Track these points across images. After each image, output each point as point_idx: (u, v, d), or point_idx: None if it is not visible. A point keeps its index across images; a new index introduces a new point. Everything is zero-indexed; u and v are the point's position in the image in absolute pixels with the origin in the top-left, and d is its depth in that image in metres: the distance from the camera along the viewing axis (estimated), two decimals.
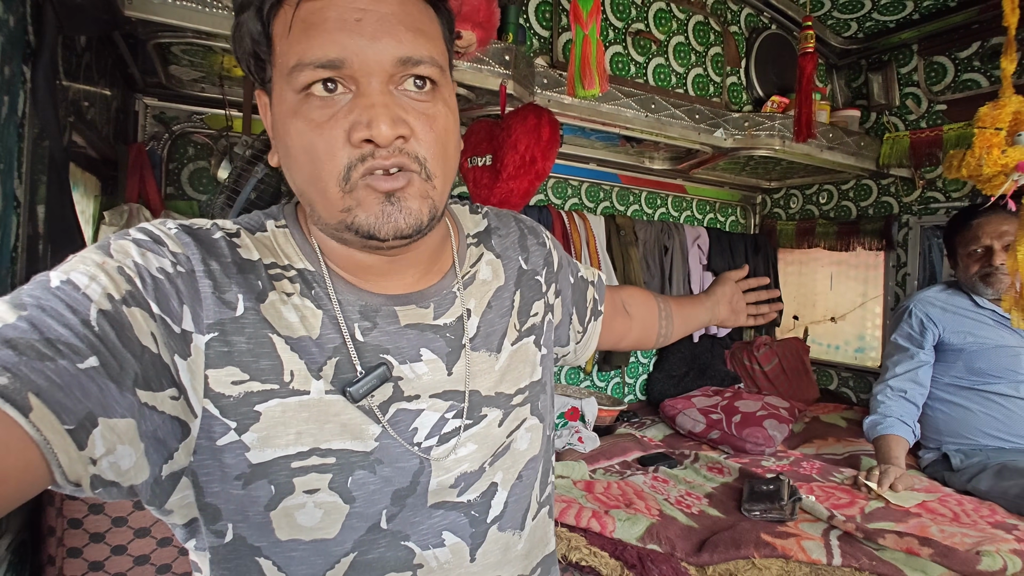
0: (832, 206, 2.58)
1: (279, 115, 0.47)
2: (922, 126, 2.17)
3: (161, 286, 0.43)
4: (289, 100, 0.46)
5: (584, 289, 0.80)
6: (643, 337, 0.95)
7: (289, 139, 0.47)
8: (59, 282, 0.39)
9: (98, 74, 1.23)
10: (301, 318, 0.49)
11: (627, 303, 0.93)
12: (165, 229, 0.47)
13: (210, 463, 0.45)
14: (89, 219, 1.33)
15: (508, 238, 0.68)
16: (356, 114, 0.45)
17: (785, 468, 1.65)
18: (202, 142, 1.66)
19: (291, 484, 0.46)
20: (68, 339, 0.36)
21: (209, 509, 0.46)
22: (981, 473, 1.50)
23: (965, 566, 1.07)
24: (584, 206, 2.40)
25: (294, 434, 0.47)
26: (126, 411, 0.38)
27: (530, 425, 0.61)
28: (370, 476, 0.49)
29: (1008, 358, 1.60)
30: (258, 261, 0.50)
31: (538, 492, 0.62)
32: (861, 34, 2.28)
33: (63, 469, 0.34)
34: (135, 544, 0.87)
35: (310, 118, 0.45)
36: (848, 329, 2.65)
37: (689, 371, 2.51)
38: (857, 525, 1.22)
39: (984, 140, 1.24)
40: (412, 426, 0.52)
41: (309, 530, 0.47)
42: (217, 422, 0.44)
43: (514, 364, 0.62)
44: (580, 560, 1.17)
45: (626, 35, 1.94)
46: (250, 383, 0.46)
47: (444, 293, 0.58)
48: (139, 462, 0.40)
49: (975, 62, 2.02)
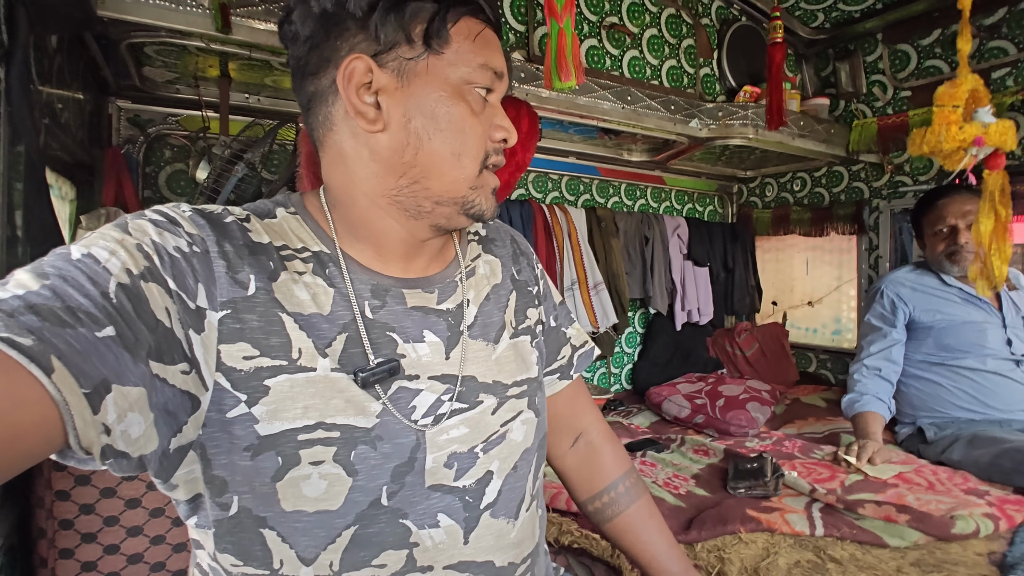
0: (806, 193, 2.65)
1: (433, 87, 0.54)
2: (888, 112, 2.23)
3: (178, 264, 0.45)
4: (453, 82, 0.54)
5: (559, 341, 0.78)
6: (581, 477, 0.80)
7: (441, 113, 0.54)
8: (80, 255, 0.41)
9: (70, 77, 1.21)
10: (313, 295, 0.52)
11: (588, 419, 0.81)
12: (180, 212, 0.50)
13: (219, 435, 0.47)
14: (65, 222, 1.31)
15: (503, 249, 0.72)
16: (497, 119, 0.58)
17: (768, 448, 1.70)
18: (179, 144, 1.64)
19: (297, 456, 0.48)
20: (88, 308, 0.38)
21: (216, 481, 0.48)
22: (954, 444, 1.56)
23: (940, 530, 1.12)
24: (565, 199, 2.42)
25: (301, 408, 0.49)
26: (138, 380, 0.40)
27: (526, 418, 0.64)
28: (371, 451, 0.51)
29: (975, 333, 1.66)
30: (269, 244, 0.53)
31: (531, 484, 0.64)
32: (828, 24, 2.34)
33: (77, 432, 0.35)
34: (128, 543, 0.87)
35: (472, 106, 0.55)
36: (825, 312, 2.72)
37: (673, 358, 2.55)
38: (838, 497, 1.26)
39: (943, 117, 1.29)
40: (411, 404, 0.55)
41: (314, 500, 0.49)
42: (228, 395, 0.46)
43: (511, 357, 0.65)
44: (572, 543, 1.20)
45: (601, 28, 1.97)
46: (260, 359, 0.48)
47: (447, 281, 0.62)
48: (148, 431, 0.41)
49: (936, 49, 2.09)
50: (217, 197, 1.41)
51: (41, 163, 0.90)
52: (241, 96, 1.64)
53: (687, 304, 2.53)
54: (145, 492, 0.89)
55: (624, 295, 2.29)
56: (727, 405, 1.94)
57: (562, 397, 0.80)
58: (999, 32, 1.90)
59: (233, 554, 0.49)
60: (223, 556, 0.49)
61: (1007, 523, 1.16)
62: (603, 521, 0.79)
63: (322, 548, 0.50)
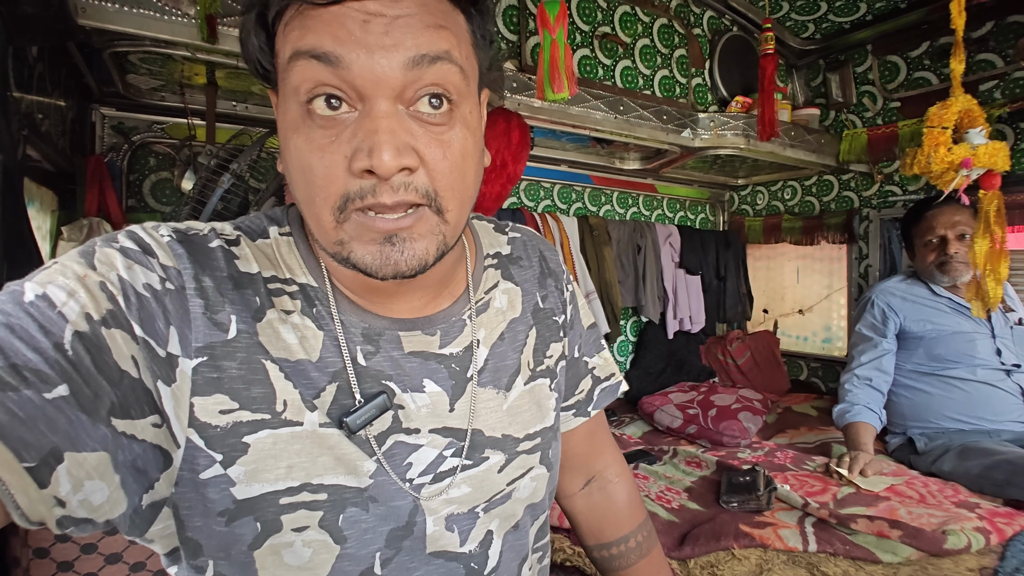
0: (796, 202, 2.66)
1: (281, 125, 0.43)
2: (878, 123, 2.25)
3: (146, 305, 0.40)
4: (292, 112, 0.41)
5: (579, 374, 0.69)
6: (591, 524, 0.74)
7: (288, 155, 0.42)
8: (34, 296, 0.36)
9: (52, 85, 1.18)
10: (301, 339, 0.46)
11: (605, 460, 0.75)
12: (157, 236, 0.44)
13: (192, 496, 0.42)
14: (46, 235, 1.28)
15: (528, 271, 0.63)
16: (359, 139, 0.39)
17: (760, 459, 1.69)
18: (164, 152, 1.62)
19: (279, 522, 0.43)
20: (36, 365, 0.33)
21: (190, 543, 0.43)
22: (944, 455, 1.56)
23: (932, 545, 1.12)
24: (557, 208, 2.41)
25: (284, 468, 0.43)
26: (98, 444, 0.35)
27: (536, 474, 0.57)
28: (362, 514, 0.46)
29: (964, 343, 1.67)
30: (257, 275, 0.46)
31: (533, 539, 0.59)
32: (818, 35, 2.35)
33: (22, 510, 0.32)
34: (106, 571, 0.84)
35: (311, 137, 0.40)
36: (815, 320, 2.73)
37: (666, 367, 2.55)
38: (830, 511, 1.26)
39: (932, 139, 1.30)
40: (407, 461, 0.49)
41: (296, 569, 0.44)
42: (201, 454, 0.41)
43: (524, 406, 0.57)
44: (564, 560, 1.18)
45: (593, 38, 1.97)
46: (239, 412, 0.42)
47: (453, 320, 0.54)
48: (114, 495, 0.37)
49: (925, 61, 2.11)
50: (203, 207, 1.38)
51: (19, 175, 0.87)
52: (228, 104, 1.62)
53: (679, 312, 2.53)
54: (127, 547, 0.85)
55: (616, 304, 2.29)
56: (719, 415, 1.94)
57: (577, 435, 0.71)
58: (986, 45, 1.92)
59: None
60: None
61: (998, 537, 1.16)
62: (609, 570, 0.73)
63: None
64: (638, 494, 0.77)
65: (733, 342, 2.63)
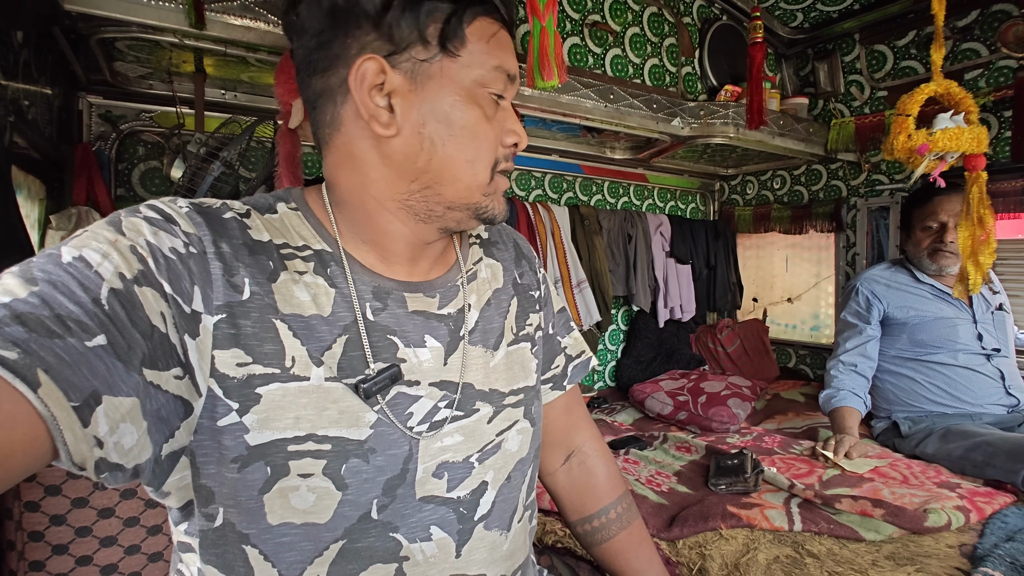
0: (785, 191, 2.68)
1: (440, 89, 0.52)
2: (865, 112, 2.27)
3: (174, 266, 0.44)
4: (466, 85, 0.53)
5: (554, 351, 0.76)
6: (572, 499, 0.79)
7: (456, 115, 0.52)
8: (71, 258, 0.39)
9: (38, 72, 1.17)
10: (313, 296, 0.51)
11: (583, 435, 0.80)
12: (176, 208, 0.48)
13: (208, 444, 0.46)
14: (35, 223, 1.27)
15: (505, 252, 0.71)
16: (509, 123, 0.57)
17: (749, 443, 1.72)
18: (153, 141, 1.60)
19: (287, 467, 0.47)
20: (78, 316, 0.37)
21: (203, 491, 0.47)
22: (927, 438, 1.60)
23: (913, 523, 1.15)
24: (548, 197, 2.42)
25: (292, 418, 0.47)
26: (131, 390, 0.39)
27: (521, 428, 0.63)
28: (363, 464, 0.50)
29: (946, 329, 1.70)
30: (269, 242, 0.51)
31: (524, 495, 0.63)
32: (807, 24, 2.36)
33: (68, 448, 0.35)
34: (101, 554, 0.85)
35: (486, 110, 0.54)
36: (804, 308, 2.76)
37: (657, 356, 2.57)
38: (816, 492, 1.28)
39: (897, 126, 1.32)
40: (408, 410, 0.54)
41: (302, 512, 0.48)
42: (220, 402, 0.45)
43: (509, 364, 0.63)
44: (556, 542, 1.20)
45: (583, 26, 1.97)
46: (253, 366, 0.46)
47: (449, 285, 0.61)
48: (142, 440, 0.40)
49: (912, 50, 2.13)
50: (193, 196, 1.38)
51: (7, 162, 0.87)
52: (217, 92, 1.61)
53: (670, 301, 2.55)
54: (119, 501, 0.86)
55: (607, 293, 2.30)
56: (709, 402, 1.97)
57: (555, 409, 0.77)
58: (971, 34, 1.94)
59: (216, 567, 0.48)
60: (207, 568, 0.48)
61: (977, 515, 1.20)
62: (592, 544, 0.78)
63: (308, 562, 0.49)
64: (616, 468, 0.81)
65: (723, 330, 2.66)
